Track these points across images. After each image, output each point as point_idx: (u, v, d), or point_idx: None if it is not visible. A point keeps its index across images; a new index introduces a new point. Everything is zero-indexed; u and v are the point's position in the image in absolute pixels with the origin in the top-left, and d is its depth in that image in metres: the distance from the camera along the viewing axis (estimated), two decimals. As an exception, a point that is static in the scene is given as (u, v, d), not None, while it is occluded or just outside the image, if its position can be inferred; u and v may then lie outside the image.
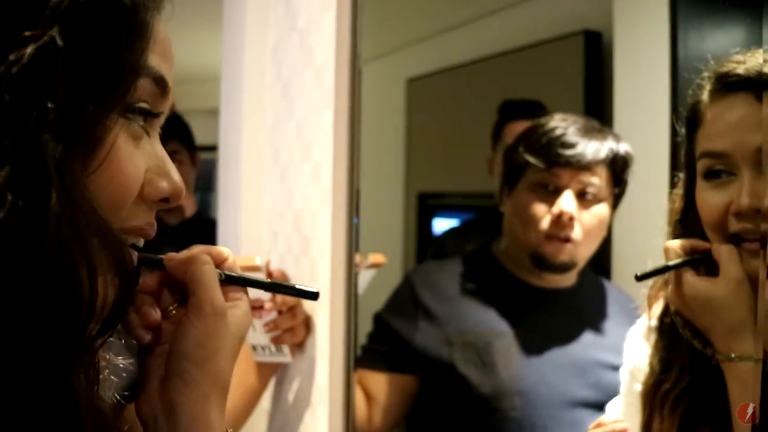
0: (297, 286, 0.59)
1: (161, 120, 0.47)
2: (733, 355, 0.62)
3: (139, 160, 0.43)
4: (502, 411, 1.02)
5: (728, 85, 0.67)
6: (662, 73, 0.96)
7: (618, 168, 1.03)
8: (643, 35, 1.12)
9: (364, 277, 1.16)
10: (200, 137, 1.93)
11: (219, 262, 0.53)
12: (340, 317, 1.05)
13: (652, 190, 1.01)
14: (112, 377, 0.46)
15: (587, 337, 1.05)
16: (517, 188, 1.08)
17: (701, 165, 0.69)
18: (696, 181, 0.70)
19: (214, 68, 1.22)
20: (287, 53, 1.12)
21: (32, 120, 0.35)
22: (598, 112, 1.20)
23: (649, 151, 1.05)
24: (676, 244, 0.69)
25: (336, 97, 1.00)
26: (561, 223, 1.01)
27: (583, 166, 1.01)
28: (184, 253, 0.52)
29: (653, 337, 0.77)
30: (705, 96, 0.70)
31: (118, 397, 0.47)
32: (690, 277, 0.67)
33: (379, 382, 1.13)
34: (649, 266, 0.76)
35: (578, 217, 1.01)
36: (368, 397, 1.14)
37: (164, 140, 0.48)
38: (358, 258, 1.07)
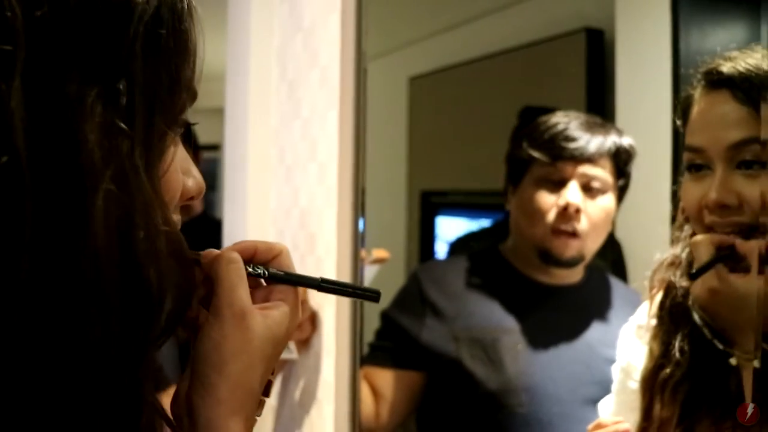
0: (354, 286, 0.56)
1: None
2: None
3: (177, 164, 0.46)
4: (509, 407, 1.03)
5: (712, 82, 0.68)
6: (664, 69, 0.97)
7: (621, 161, 1.04)
8: (645, 33, 1.13)
9: (368, 273, 1.17)
10: (204, 137, 1.94)
11: (268, 259, 0.51)
12: (345, 314, 1.06)
13: (654, 183, 1.02)
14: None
15: (594, 334, 1.06)
16: (522, 184, 1.09)
17: (685, 158, 0.71)
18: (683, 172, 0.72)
19: (218, 67, 1.23)
20: (292, 53, 1.13)
21: (126, 143, 0.38)
22: (601, 108, 1.20)
23: (651, 145, 1.06)
24: (707, 239, 0.67)
25: (341, 97, 1.01)
26: (567, 215, 1.01)
27: (587, 159, 1.02)
28: (220, 250, 0.51)
29: (654, 323, 0.77)
30: (696, 91, 0.71)
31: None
32: (726, 274, 0.65)
33: (386, 378, 1.14)
34: (657, 255, 0.78)
35: (584, 209, 1.02)
36: (375, 393, 1.14)
37: None
38: (363, 254, 1.08)
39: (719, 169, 0.66)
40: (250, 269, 0.50)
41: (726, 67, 0.67)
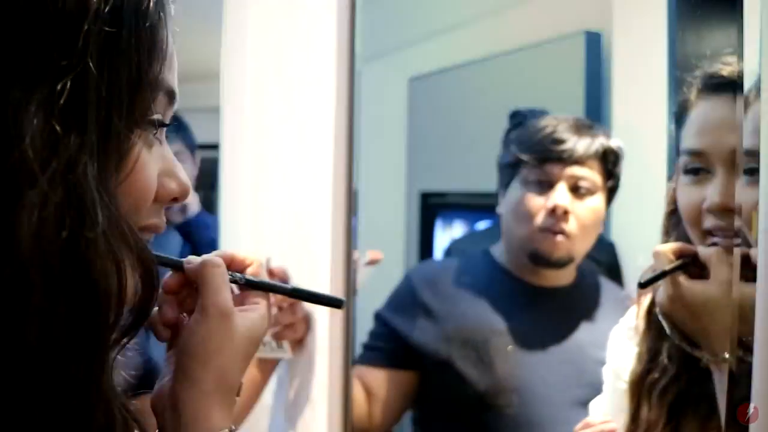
0: (320, 294, 0.59)
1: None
2: (727, 356, 0.63)
3: (153, 165, 0.46)
4: (499, 407, 1.04)
5: (711, 86, 0.68)
6: (660, 72, 0.97)
7: (609, 162, 1.04)
8: (642, 35, 1.13)
9: (364, 274, 1.17)
10: (201, 136, 1.95)
11: (242, 268, 0.55)
12: (339, 314, 1.06)
13: (650, 186, 1.02)
14: (123, 370, 0.48)
15: (584, 335, 1.06)
16: (511, 187, 1.09)
17: (682, 161, 0.71)
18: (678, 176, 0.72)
19: (214, 67, 1.23)
20: (288, 54, 1.14)
21: (73, 144, 0.38)
22: (598, 110, 1.21)
23: (647, 148, 1.06)
24: (667, 248, 0.70)
25: (336, 99, 1.01)
26: (555, 216, 1.02)
27: (575, 160, 1.03)
28: (202, 257, 0.54)
29: (641, 327, 0.78)
30: (692, 95, 0.71)
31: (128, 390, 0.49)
32: (685, 281, 0.67)
33: (379, 378, 1.15)
34: (640, 260, 0.78)
35: (573, 210, 1.02)
36: (368, 393, 1.15)
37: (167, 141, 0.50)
38: (356, 255, 1.08)
39: (721, 173, 0.66)
40: (230, 275, 0.54)
41: (726, 71, 0.67)
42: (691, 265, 0.68)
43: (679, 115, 0.74)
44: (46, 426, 0.38)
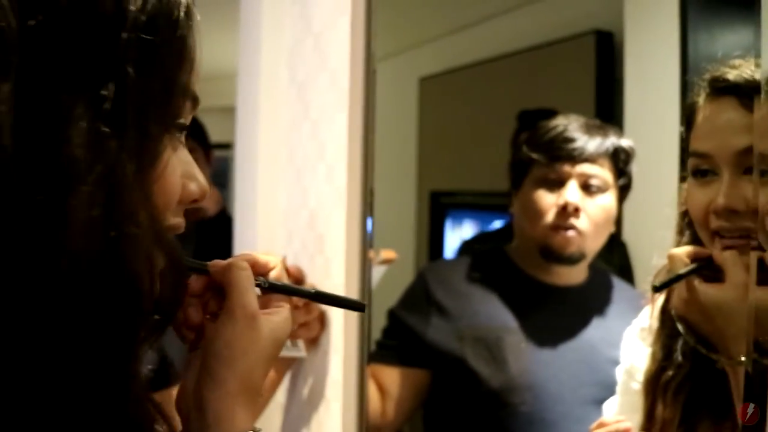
0: (342, 297, 0.60)
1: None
2: (743, 359, 0.63)
3: (177, 168, 0.47)
4: (512, 406, 1.04)
5: (718, 89, 0.69)
6: (672, 72, 0.97)
7: (620, 160, 1.05)
8: (654, 35, 1.13)
9: (377, 273, 1.18)
10: (216, 135, 1.96)
11: (264, 272, 0.56)
12: (353, 313, 1.07)
13: (662, 186, 1.03)
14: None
15: (596, 334, 1.07)
16: (523, 186, 1.11)
17: (690, 163, 0.72)
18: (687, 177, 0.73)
19: (229, 66, 1.25)
20: (302, 56, 1.15)
21: (114, 146, 0.40)
22: (610, 110, 1.21)
23: (659, 148, 1.06)
24: (682, 251, 0.70)
25: (350, 99, 1.02)
26: (567, 214, 1.04)
27: (585, 158, 1.04)
28: (228, 260, 0.54)
29: (655, 326, 0.79)
30: (700, 98, 0.72)
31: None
32: (699, 285, 0.68)
33: (392, 376, 1.16)
34: (654, 259, 0.78)
35: (584, 207, 1.04)
36: (382, 390, 1.16)
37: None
38: (370, 254, 1.09)
39: (726, 175, 0.67)
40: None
41: (732, 75, 0.68)
42: (706, 268, 0.68)
43: (688, 118, 0.75)
44: (82, 417, 0.39)
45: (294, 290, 0.57)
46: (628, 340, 0.89)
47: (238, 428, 0.49)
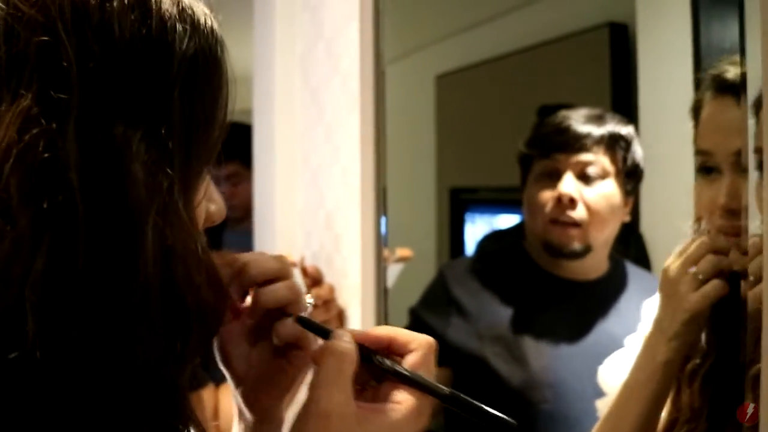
0: (488, 411, 0.45)
1: None
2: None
3: (201, 192, 0.48)
4: (533, 403, 1.04)
5: (720, 87, 0.69)
6: (685, 63, 0.96)
7: (620, 147, 1.04)
8: (666, 26, 1.12)
9: (393, 271, 1.19)
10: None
11: (402, 352, 0.47)
12: (370, 310, 1.09)
13: (678, 177, 1.02)
14: None
15: (618, 328, 1.06)
16: (526, 183, 1.11)
17: (696, 161, 0.71)
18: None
19: (246, 71, 1.27)
20: (315, 61, 1.17)
21: (167, 180, 0.41)
22: (626, 103, 1.20)
23: (674, 139, 1.05)
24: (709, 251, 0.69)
25: (361, 102, 1.04)
26: (562, 206, 1.03)
27: (578, 148, 1.03)
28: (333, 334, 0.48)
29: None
30: (705, 95, 0.71)
31: None
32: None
33: (412, 374, 1.16)
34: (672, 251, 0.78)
35: (581, 197, 1.03)
36: (403, 389, 1.17)
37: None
38: (386, 253, 1.10)
39: (726, 174, 0.67)
40: (375, 359, 0.46)
41: (731, 73, 0.67)
42: None
43: (695, 114, 0.75)
44: (135, 422, 0.41)
45: (425, 384, 0.46)
46: (650, 309, 0.88)
47: None
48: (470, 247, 1.51)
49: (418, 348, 0.47)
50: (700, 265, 0.68)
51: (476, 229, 1.53)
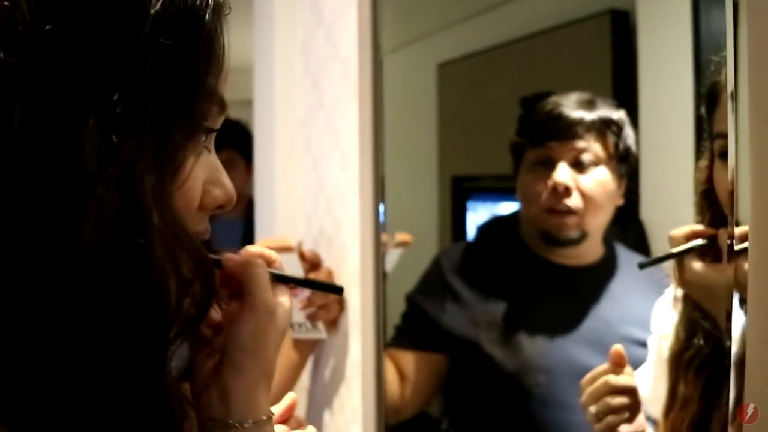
0: (321, 282, 0.60)
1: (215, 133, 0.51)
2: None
3: (199, 173, 0.47)
4: (527, 388, 1.05)
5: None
6: (685, 51, 0.96)
7: (612, 132, 1.03)
8: (668, 13, 1.12)
9: (393, 256, 1.20)
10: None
11: (268, 264, 0.56)
12: (369, 295, 1.10)
13: (678, 165, 1.02)
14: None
15: (613, 313, 1.06)
16: (520, 171, 1.11)
17: (717, 145, 0.70)
18: (714, 159, 0.72)
19: (246, 60, 1.27)
20: (315, 47, 1.17)
21: (129, 152, 0.40)
22: (628, 90, 1.20)
23: (674, 127, 1.05)
24: (681, 232, 0.71)
25: (360, 88, 1.04)
26: (558, 195, 1.03)
27: (571, 135, 1.03)
28: (241, 255, 0.55)
29: (679, 306, 0.79)
30: (722, 76, 0.71)
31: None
32: (693, 264, 0.68)
33: (410, 360, 1.17)
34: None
35: (576, 185, 1.03)
36: (401, 374, 1.18)
37: (219, 148, 0.51)
38: (385, 237, 1.11)
39: None
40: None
41: None
42: (710, 248, 0.68)
43: (710, 98, 0.74)
44: (114, 416, 0.41)
45: (290, 279, 0.59)
46: (660, 309, 0.89)
47: (262, 412, 0.52)
48: (472, 234, 1.51)
49: (277, 259, 0.58)
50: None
51: (478, 217, 1.54)
